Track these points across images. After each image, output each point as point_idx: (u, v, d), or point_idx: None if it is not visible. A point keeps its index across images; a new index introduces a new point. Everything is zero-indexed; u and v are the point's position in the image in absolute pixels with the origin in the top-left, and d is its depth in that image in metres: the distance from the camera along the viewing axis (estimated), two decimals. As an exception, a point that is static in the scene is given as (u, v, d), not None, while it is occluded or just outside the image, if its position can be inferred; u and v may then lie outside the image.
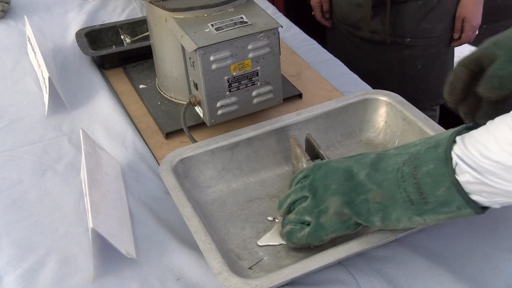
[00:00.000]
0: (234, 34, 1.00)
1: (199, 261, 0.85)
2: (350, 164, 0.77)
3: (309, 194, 0.79)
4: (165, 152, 1.06)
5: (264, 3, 1.62)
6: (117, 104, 1.22)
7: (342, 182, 0.76)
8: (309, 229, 0.79)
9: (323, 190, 0.77)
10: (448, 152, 0.67)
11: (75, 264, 0.86)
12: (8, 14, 1.62)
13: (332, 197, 0.76)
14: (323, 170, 0.79)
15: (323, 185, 0.78)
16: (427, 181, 0.69)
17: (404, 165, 0.71)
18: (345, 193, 0.76)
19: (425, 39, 1.68)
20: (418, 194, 0.70)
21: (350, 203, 0.75)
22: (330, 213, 0.77)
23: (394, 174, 0.72)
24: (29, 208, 0.97)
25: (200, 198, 0.95)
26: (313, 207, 0.78)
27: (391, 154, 0.75)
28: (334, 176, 0.77)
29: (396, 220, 0.74)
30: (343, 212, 0.76)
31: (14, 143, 1.12)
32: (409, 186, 0.70)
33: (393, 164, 0.73)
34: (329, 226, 0.77)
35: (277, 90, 1.10)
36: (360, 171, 0.75)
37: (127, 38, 1.43)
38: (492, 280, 0.80)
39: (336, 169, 0.78)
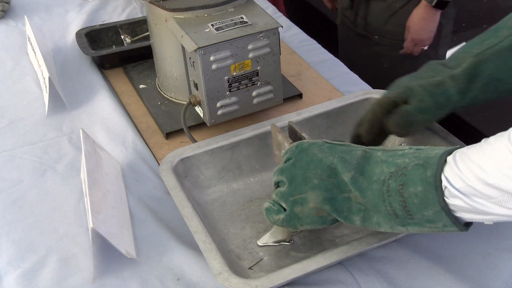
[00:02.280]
0: (234, 34, 1.00)
1: (199, 261, 0.85)
2: (335, 161, 0.74)
3: (286, 181, 0.77)
4: (165, 152, 1.06)
5: (264, 3, 1.62)
6: (117, 104, 1.22)
7: (325, 177, 0.74)
8: (284, 216, 0.78)
9: (302, 181, 0.75)
10: (438, 176, 0.65)
11: (75, 264, 0.87)
12: (8, 14, 1.62)
13: (313, 191, 0.74)
14: (304, 158, 0.76)
15: (303, 176, 0.75)
16: (414, 202, 0.67)
17: (391, 179, 0.69)
18: (327, 189, 0.74)
19: (391, 40, 1.69)
20: (404, 211, 0.68)
21: (332, 199, 0.74)
22: (309, 207, 0.75)
23: (379, 186, 0.70)
24: (29, 208, 0.97)
25: (200, 198, 0.95)
26: (289, 195, 0.76)
27: (378, 159, 0.72)
28: (317, 170, 0.74)
29: (377, 224, 0.73)
30: (323, 208, 0.74)
31: (14, 143, 1.12)
32: (394, 202, 0.69)
33: (379, 173, 0.71)
34: (305, 218, 0.76)
35: (277, 90, 1.10)
36: (345, 172, 0.73)
37: (127, 38, 1.43)
38: (492, 280, 0.80)
39: (319, 162, 0.75)
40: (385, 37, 1.69)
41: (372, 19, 1.68)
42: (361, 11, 1.69)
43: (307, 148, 0.77)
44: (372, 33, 1.71)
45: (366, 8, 1.68)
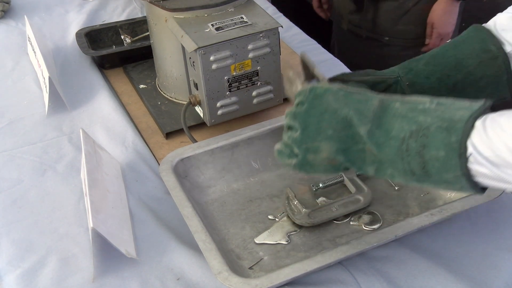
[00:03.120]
0: (234, 34, 1.00)
1: (199, 261, 0.85)
2: (350, 113, 0.70)
3: (299, 128, 0.73)
4: (165, 152, 1.06)
5: (264, 3, 1.62)
6: (117, 104, 1.22)
7: (339, 129, 0.71)
8: (296, 162, 0.75)
9: (316, 130, 0.72)
10: (463, 143, 0.62)
11: (75, 264, 0.86)
12: (8, 14, 1.62)
13: (326, 142, 0.71)
14: (318, 107, 0.72)
15: (316, 125, 0.72)
16: (435, 165, 0.64)
17: (411, 138, 0.65)
18: (341, 141, 0.71)
19: (401, 40, 1.69)
20: (422, 171, 0.66)
21: (345, 151, 0.71)
22: (322, 156, 0.73)
23: (398, 143, 0.67)
24: (29, 208, 0.97)
25: (200, 198, 0.95)
26: (301, 142, 0.73)
27: (397, 113, 0.68)
28: (331, 121, 0.71)
29: (391, 176, 0.69)
30: (336, 158, 0.72)
31: (14, 143, 1.12)
32: (414, 162, 0.66)
33: (398, 129, 0.67)
34: (318, 166, 0.74)
35: (277, 90, 1.10)
36: (361, 125, 0.69)
37: (127, 38, 1.43)
38: (492, 280, 0.80)
39: (334, 113, 0.71)
40: (395, 37, 1.68)
41: (381, 20, 1.67)
42: (369, 13, 1.68)
43: (321, 95, 0.73)
44: (381, 34, 1.69)
45: (375, 9, 1.67)
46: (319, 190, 0.97)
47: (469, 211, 0.88)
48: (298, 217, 0.90)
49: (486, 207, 0.91)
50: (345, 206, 0.92)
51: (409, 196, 0.95)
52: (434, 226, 0.86)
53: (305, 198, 0.96)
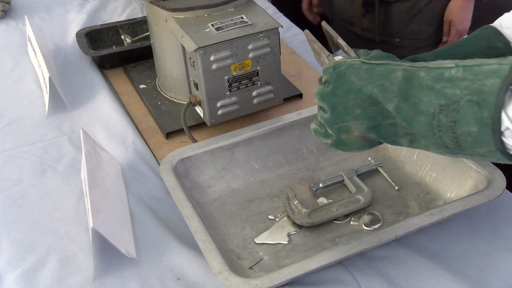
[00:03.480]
0: (234, 34, 1.00)
1: (199, 261, 0.85)
2: (375, 91, 0.68)
3: (328, 109, 0.72)
4: (165, 152, 1.06)
5: (264, 3, 1.62)
6: (117, 104, 1.22)
7: (367, 106, 0.69)
8: (331, 142, 0.74)
9: (344, 110, 0.71)
10: (496, 117, 0.59)
11: (75, 264, 0.86)
12: (8, 14, 1.62)
13: (356, 121, 0.71)
14: (343, 86, 0.71)
15: (344, 105, 0.71)
16: (467, 140, 0.62)
17: (441, 113, 0.63)
18: (370, 118, 0.70)
19: (413, 40, 1.68)
20: (455, 145, 0.64)
21: (376, 127, 0.70)
22: (354, 135, 0.72)
23: (428, 119, 0.64)
24: (29, 208, 0.97)
25: (200, 198, 0.95)
26: (332, 122, 0.73)
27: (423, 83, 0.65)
28: (357, 100, 0.70)
29: (426, 146, 0.68)
30: (368, 135, 0.71)
31: (15, 143, 1.12)
32: (445, 137, 0.64)
33: (426, 103, 0.64)
34: (352, 143, 0.73)
35: (277, 90, 1.10)
36: (387, 102, 0.67)
37: (127, 38, 1.43)
38: (492, 280, 0.80)
39: (358, 92, 0.69)
40: (407, 38, 1.68)
41: (393, 22, 1.67)
42: (380, 16, 1.67)
43: (344, 73, 0.71)
44: (392, 36, 1.69)
45: (386, 12, 1.66)
46: (319, 190, 0.97)
47: (469, 211, 0.88)
48: (298, 217, 0.90)
49: (486, 207, 0.91)
50: (345, 206, 0.92)
51: (409, 196, 0.95)
52: (434, 226, 0.86)
53: (305, 198, 0.96)
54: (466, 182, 0.91)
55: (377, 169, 1.00)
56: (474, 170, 0.90)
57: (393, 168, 1.01)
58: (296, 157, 1.04)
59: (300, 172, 1.02)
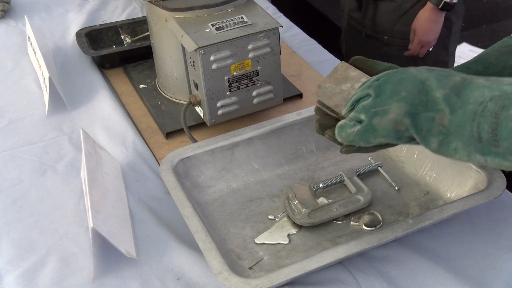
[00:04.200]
0: (234, 34, 1.00)
1: (199, 261, 0.85)
2: (431, 77, 0.69)
3: (373, 93, 0.72)
4: (165, 152, 1.06)
5: (264, 3, 1.62)
6: (117, 104, 1.22)
7: (415, 92, 0.69)
8: (359, 127, 0.72)
9: (390, 93, 0.71)
10: None
11: (75, 264, 0.87)
12: (8, 14, 1.62)
13: (398, 103, 0.70)
14: (398, 75, 0.72)
15: (392, 89, 0.71)
16: (509, 126, 0.61)
17: (491, 101, 0.63)
18: (413, 104, 0.69)
19: (401, 40, 1.69)
20: (491, 134, 0.63)
21: (414, 115, 0.69)
22: (389, 118, 0.70)
23: (475, 106, 0.64)
24: (29, 208, 0.97)
25: (200, 198, 0.95)
26: (372, 107, 0.72)
27: (480, 85, 0.66)
28: (408, 84, 0.70)
29: (454, 150, 0.67)
30: (402, 121, 0.70)
31: (14, 143, 1.12)
32: (485, 123, 0.63)
33: (477, 96, 0.65)
34: (381, 130, 0.71)
35: (277, 90, 1.10)
36: (438, 88, 0.68)
37: (127, 38, 1.43)
38: (492, 280, 0.80)
39: (413, 77, 0.70)
40: (395, 37, 1.69)
41: (381, 20, 1.68)
42: (369, 12, 1.69)
43: (403, 70, 0.73)
44: (382, 33, 1.71)
45: (375, 9, 1.68)
46: (319, 190, 0.97)
47: (469, 211, 0.88)
48: (298, 217, 0.90)
49: (486, 207, 0.91)
50: (345, 206, 0.92)
51: (409, 196, 0.95)
52: (435, 226, 0.86)
53: (305, 198, 0.96)
54: (466, 182, 0.91)
55: (377, 169, 1.00)
56: (474, 170, 0.90)
57: (393, 168, 1.01)
58: (296, 157, 1.04)
59: (300, 172, 1.02)
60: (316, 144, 1.05)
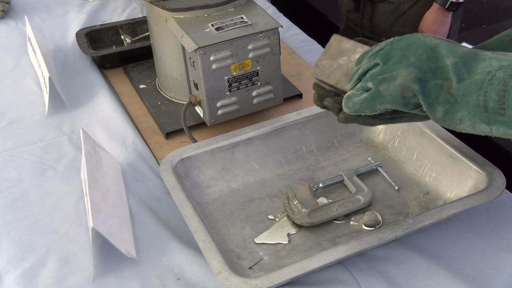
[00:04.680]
0: (234, 34, 1.00)
1: (199, 260, 0.85)
2: (441, 44, 0.68)
3: (381, 61, 0.71)
4: (165, 152, 1.06)
5: (264, 3, 1.62)
6: (117, 104, 1.23)
7: (424, 58, 0.68)
8: (366, 95, 0.71)
9: (398, 59, 0.69)
10: None
11: (75, 263, 0.87)
12: (8, 14, 1.62)
13: (406, 68, 0.68)
14: (405, 41, 0.70)
15: (400, 55, 0.69)
16: None
17: (500, 70, 0.63)
18: (421, 70, 0.68)
19: None
20: (498, 102, 0.62)
21: (422, 81, 0.68)
22: (396, 84, 0.69)
23: (483, 75, 0.64)
24: (29, 208, 0.97)
25: (200, 198, 0.95)
26: (379, 74, 0.70)
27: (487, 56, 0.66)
28: (418, 50, 0.69)
29: (459, 120, 0.66)
30: (410, 87, 0.68)
31: (14, 143, 1.12)
32: (492, 91, 0.62)
33: (485, 66, 0.65)
34: (388, 96, 0.69)
35: (277, 90, 1.10)
36: (449, 56, 0.67)
37: (127, 38, 1.43)
38: (492, 280, 0.80)
39: (422, 43, 0.69)
40: None
41: (379, 21, 1.68)
42: (367, 13, 1.69)
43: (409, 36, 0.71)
44: (379, 34, 1.71)
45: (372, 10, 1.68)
46: (319, 190, 0.97)
47: (469, 211, 0.88)
48: (298, 217, 0.90)
49: (486, 207, 0.91)
50: (345, 206, 0.92)
51: (409, 196, 0.95)
52: (434, 226, 0.86)
53: (305, 198, 0.96)
54: (466, 182, 0.91)
55: (377, 169, 1.00)
56: (474, 170, 0.90)
57: (393, 168, 1.01)
58: (296, 157, 1.04)
59: (300, 172, 1.02)
60: (316, 144, 1.05)
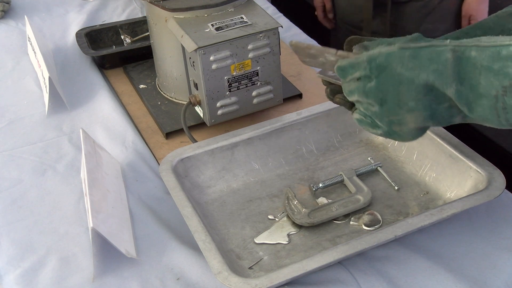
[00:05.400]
0: (234, 34, 1.00)
1: (199, 260, 0.85)
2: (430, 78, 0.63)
3: (375, 103, 0.67)
4: (165, 152, 1.06)
5: (264, 3, 1.62)
6: (117, 104, 1.23)
7: (421, 97, 0.64)
8: (382, 132, 0.70)
9: (396, 104, 0.66)
10: None
11: (75, 263, 0.87)
12: (8, 14, 1.62)
13: (411, 113, 0.66)
14: (389, 80, 0.65)
15: (395, 99, 0.66)
16: None
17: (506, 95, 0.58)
18: (426, 108, 0.65)
19: None
20: None
21: (433, 115, 0.65)
22: (409, 127, 0.67)
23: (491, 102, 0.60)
24: (29, 208, 0.97)
25: (200, 198, 0.95)
26: (383, 115, 0.68)
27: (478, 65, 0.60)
28: (411, 93, 0.64)
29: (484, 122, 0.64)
30: (425, 126, 0.67)
31: (14, 143, 1.12)
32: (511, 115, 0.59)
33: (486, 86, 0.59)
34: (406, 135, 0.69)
35: (277, 90, 1.10)
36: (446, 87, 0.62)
37: (127, 38, 1.43)
38: (492, 280, 0.80)
39: (411, 84, 0.64)
40: None
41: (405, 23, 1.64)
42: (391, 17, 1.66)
43: (386, 65, 0.65)
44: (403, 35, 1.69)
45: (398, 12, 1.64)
46: (319, 190, 0.97)
47: (469, 211, 0.88)
48: (298, 217, 0.90)
49: (486, 207, 0.91)
50: (345, 206, 0.92)
51: (409, 196, 0.95)
52: (434, 226, 0.86)
53: (305, 198, 0.96)
54: (466, 182, 0.91)
55: (377, 169, 1.00)
56: (474, 170, 0.90)
57: (393, 168, 1.01)
58: (296, 157, 1.04)
59: (300, 172, 1.02)
60: (316, 144, 1.05)
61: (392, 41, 0.69)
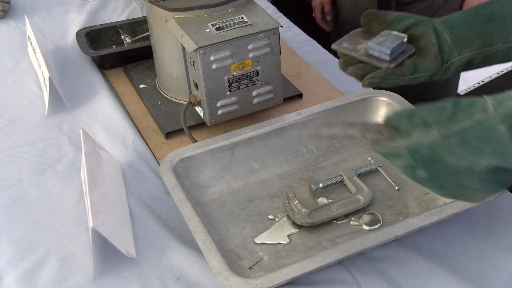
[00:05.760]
0: (234, 34, 1.00)
1: (199, 261, 0.85)
2: (491, 161, 0.56)
3: (434, 187, 0.63)
4: (165, 152, 1.06)
5: (264, 3, 1.62)
6: (117, 104, 1.22)
7: (487, 178, 0.59)
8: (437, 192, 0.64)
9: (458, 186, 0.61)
10: None
11: (75, 263, 0.87)
12: (8, 14, 1.62)
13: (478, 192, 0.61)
14: (443, 170, 0.59)
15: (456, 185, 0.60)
16: None
17: None
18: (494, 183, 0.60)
19: None
20: None
21: (505, 184, 0.61)
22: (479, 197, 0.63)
23: None
24: (29, 208, 0.97)
25: (200, 198, 0.95)
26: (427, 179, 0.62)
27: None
28: (474, 179, 0.59)
29: None
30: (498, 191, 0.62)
31: (14, 143, 1.12)
32: None
33: None
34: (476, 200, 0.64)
35: (277, 90, 1.10)
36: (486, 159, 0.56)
37: (127, 38, 1.43)
38: (492, 280, 0.80)
39: (470, 171, 0.58)
40: None
41: None
42: None
43: (433, 158, 0.59)
44: None
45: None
46: (319, 190, 0.97)
47: (468, 211, 0.88)
48: (298, 217, 0.90)
49: (486, 207, 0.91)
50: (345, 206, 0.92)
51: (409, 196, 0.95)
52: (434, 226, 0.86)
53: (305, 198, 0.96)
54: (466, 182, 0.91)
55: (377, 169, 1.00)
56: (474, 170, 0.90)
57: (393, 168, 1.01)
58: (296, 157, 1.04)
59: (300, 172, 1.02)
60: (316, 144, 1.05)
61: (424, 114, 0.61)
